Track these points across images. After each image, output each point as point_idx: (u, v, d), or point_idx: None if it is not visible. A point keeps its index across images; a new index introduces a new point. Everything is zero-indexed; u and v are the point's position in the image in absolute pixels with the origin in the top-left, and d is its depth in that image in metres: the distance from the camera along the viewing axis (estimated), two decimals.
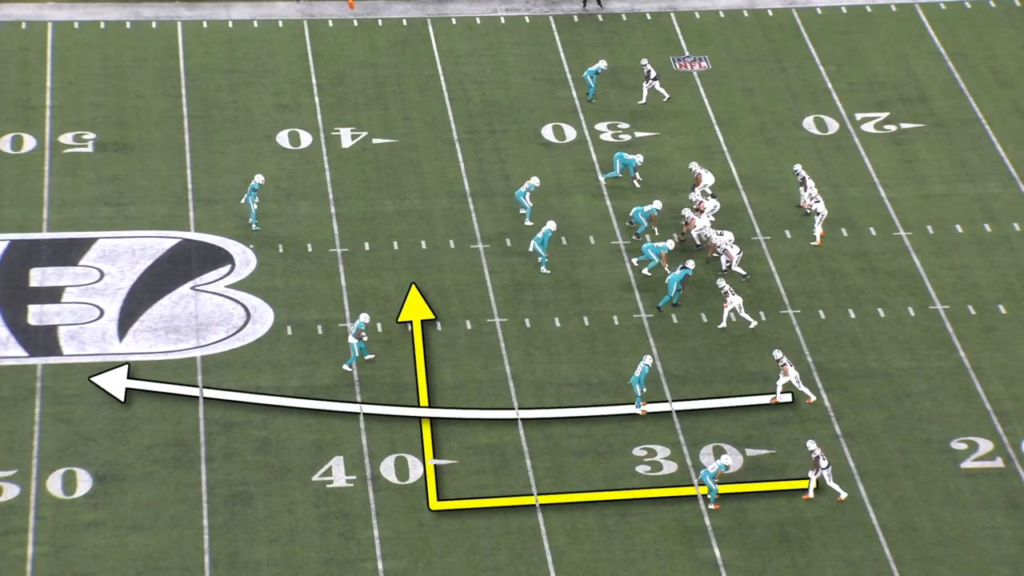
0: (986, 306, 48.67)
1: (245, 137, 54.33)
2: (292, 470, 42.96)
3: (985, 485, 43.18)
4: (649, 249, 48.71)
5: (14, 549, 40.53)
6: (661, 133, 55.10)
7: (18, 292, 47.97)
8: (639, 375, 44.29)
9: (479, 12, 60.56)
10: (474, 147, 54.16)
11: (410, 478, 42.85)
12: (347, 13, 60.26)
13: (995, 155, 54.53)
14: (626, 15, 60.75)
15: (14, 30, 58.37)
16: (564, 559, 40.90)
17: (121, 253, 49.53)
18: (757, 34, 60.03)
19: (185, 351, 46.33)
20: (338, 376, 45.53)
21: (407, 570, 40.50)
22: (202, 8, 60.19)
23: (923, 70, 58.33)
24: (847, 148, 54.58)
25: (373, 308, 47.75)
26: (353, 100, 56.17)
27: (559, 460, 43.49)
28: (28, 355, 46.02)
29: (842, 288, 49.07)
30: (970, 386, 46.03)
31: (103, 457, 43.12)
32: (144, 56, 57.69)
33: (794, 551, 41.35)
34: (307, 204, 51.53)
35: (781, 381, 44.64)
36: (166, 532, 41.22)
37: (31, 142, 53.67)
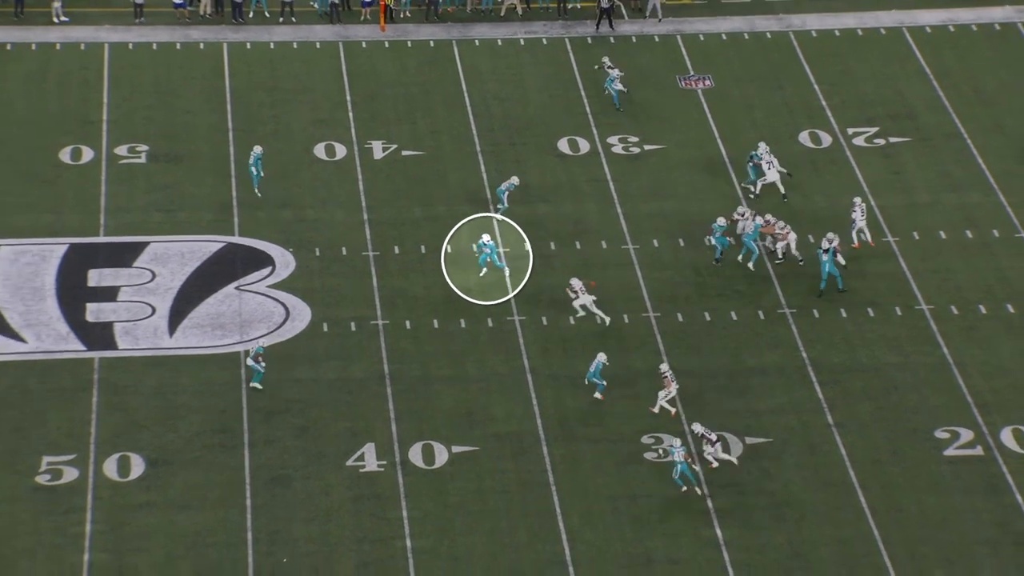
0: (967, 306, 48.65)
1: (285, 149, 54.47)
2: (328, 455, 43.11)
3: (966, 471, 43.18)
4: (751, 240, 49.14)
5: (73, 527, 40.75)
6: (668, 146, 55.15)
7: (77, 291, 48.17)
8: (593, 370, 44.29)
9: (501, 35, 60.67)
10: (495, 158, 54.27)
11: (436, 463, 42.96)
12: (379, 35, 60.39)
13: (976, 167, 54.50)
14: (636, 37, 60.81)
15: (74, 51, 58.60)
16: (578, 538, 40.99)
17: (171, 256, 49.70)
18: (757, 55, 60.07)
19: (229, 346, 46.48)
20: (370, 369, 45.65)
21: (433, 548, 40.61)
22: (246, 31, 60.39)
23: (910, 88, 58.32)
24: (840, 160, 54.60)
25: (402, 307, 47.89)
26: (384, 115, 56.30)
27: (573, 447, 43.57)
28: (86, 349, 46.22)
29: (834, 289, 49.05)
30: (952, 380, 46.02)
31: (154, 443, 43.31)
32: (192, 75, 57.88)
33: (789, 530, 41.39)
34: (342, 211, 51.68)
35: (663, 392, 44.06)
36: (212, 512, 41.39)
37: (89, 154, 53.86)
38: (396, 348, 46.46)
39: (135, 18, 60.37)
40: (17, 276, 48.55)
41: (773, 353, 46.73)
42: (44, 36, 59.17)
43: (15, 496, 41.50)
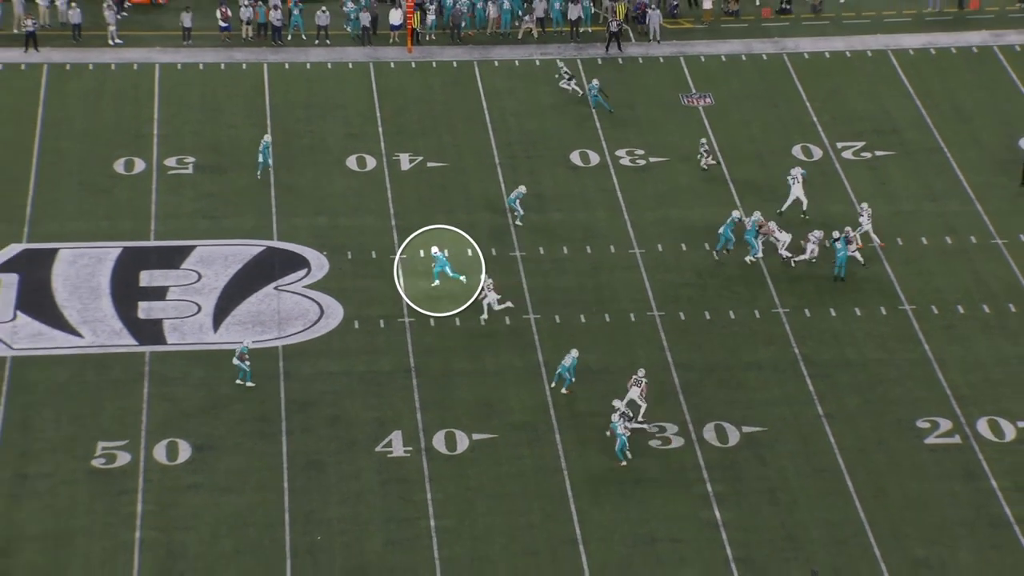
0: (947, 307, 48.51)
1: (320, 161, 54.48)
2: (358, 442, 43.08)
3: (945, 458, 43.05)
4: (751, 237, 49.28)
5: (126, 507, 40.78)
6: (671, 159, 55.05)
7: (129, 291, 48.20)
8: (569, 364, 44.10)
9: (518, 56, 60.63)
10: (512, 170, 54.21)
11: (457, 450, 42.91)
12: (406, 56, 60.38)
13: (955, 179, 54.34)
14: (642, 58, 60.73)
15: (128, 70, 58.70)
16: (587, 519, 40.92)
17: (216, 258, 49.71)
18: (753, 75, 59.95)
19: (268, 341, 46.48)
20: (397, 363, 45.60)
21: (455, 527, 40.57)
22: (285, 52, 60.42)
23: (894, 106, 58.18)
24: (829, 172, 54.47)
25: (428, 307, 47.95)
26: (411, 130, 56.27)
27: (583, 435, 43.50)
28: (138, 344, 46.24)
29: (825, 291, 48.97)
30: (933, 375, 45.89)
31: (200, 430, 43.32)
32: (236, 92, 57.92)
33: (782, 513, 41.29)
34: (372, 217, 51.65)
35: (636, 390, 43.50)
36: (253, 494, 41.38)
37: (141, 165, 53.92)
38: (421, 344, 46.42)
39: (183, 40, 60.43)
40: (75, 277, 48.59)
41: (768, 349, 46.61)
42: (100, 57, 59.26)
43: (74, 478, 41.56)
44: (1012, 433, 43.91)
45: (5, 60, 58.62)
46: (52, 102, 56.63)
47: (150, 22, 61.75)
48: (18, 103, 56.44)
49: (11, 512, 40.47)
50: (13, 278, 48.37)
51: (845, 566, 39.69)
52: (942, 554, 40.29)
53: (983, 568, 39.91)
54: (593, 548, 40.14)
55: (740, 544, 40.35)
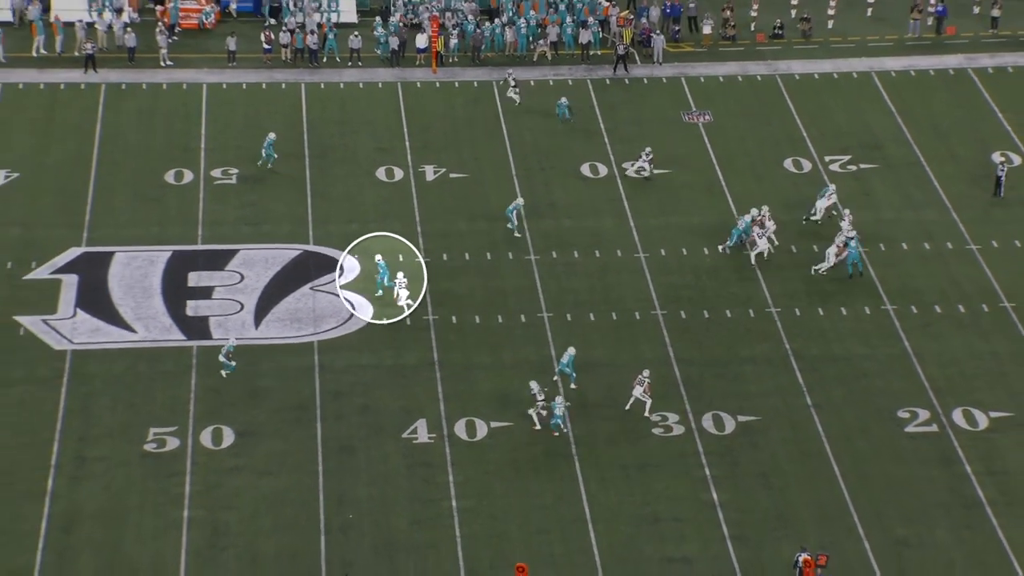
0: (925, 307, 48.37)
1: (351, 172, 54.48)
2: (386, 429, 43.09)
3: (923, 445, 42.96)
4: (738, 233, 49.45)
5: (175, 488, 40.86)
6: (673, 171, 54.97)
7: (179, 290, 48.25)
8: (566, 361, 43.94)
9: (533, 76, 60.57)
10: (528, 180, 54.16)
11: (477, 436, 42.89)
12: (431, 77, 60.37)
13: (933, 190, 54.18)
14: (647, 79, 60.64)
15: (178, 90, 58.76)
16: (596, 501, 40.90)
17: (257, 261, 49.74)
18: (748, 94, 59.83)
19: (305, 337, 46.50)
20: (422, 357, 45.57)
21: (474, 508, 40.57)
22: (320, 73, 60.45)
23: (877, 123, 58.02)
24: (818, 183, 54.31)
25: (449, 305, 47.79)
26: (435, 144, 56.26)
27: (591, 424, 43.47)
28: (186, 339, 46.29)
29: (813, 291, 48.86)
30: (912, 369, 45.77)
31: (242, 418, 43.36)
32: (275, 110, 57.93)
33: (774, 495, 41.24)
34: (399, 224, 51.61)
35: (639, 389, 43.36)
36: (290, 476, 41.42)
37: (189, 175, 53.98)
38: (444, 340, 46.40)
39: (228, 62, 60.49)
40: (130, 277, 48.67)
41: (761, 345, 46.52)
42: (152, 78, 59.35)
43: (128, 461, 41.64)
44: (984, 422, 43.79)
45: (67, 80, 58.72)
46: (109, 119, 56.71)
47: (198, 46, 61.82)
48: (79, 120, 56.54)
49: (71, 492, 40.59)
50: (73, 279, 48.47)
51: (831, 544, 39.60)
52: (920, 533, 40.22)
53: (957, 545, 39.85)
54: (600, 527, 40.12)
55: (735, 523, 40.30)
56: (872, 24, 64.63)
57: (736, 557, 39.38)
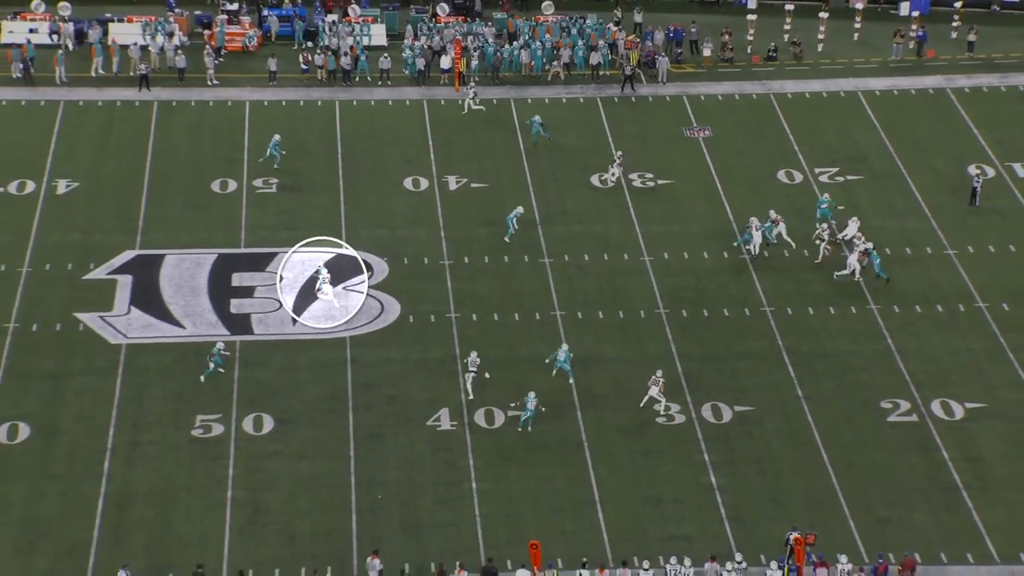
0: (906, 307, 48.15)
1: (381, 182, 54.41)
2: (412, 418, 43.03)
3: (904, 434, 42.78)
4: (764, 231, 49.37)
5: (220, 470, 40.87)
6: (676, 181, 54.80)
7: (223, 289, 48.24)
8: (563, 359, 43.68)
9: (547, 95, 60.45)
10: (542, 189, 54.03)
11: (495, 424, 42.81)
12: (454, 95, 60.28)
13: (914, 200, 53.93)
14: (651, 97, 60.48)
15: (223, 107, 58.77)
16: (604, 484, 40.81)
17: (295, 263, 49.72)
18: (745, 111, 59.62)
19: (338, 332, 46.47)
20: (445, 352, 45.48)
21: (492, 490, 40.50)
22: (353, 91, 60.38)
23: (863, 138, 57.76)
24: (809, 193, 54.10)
25: (470, 304, 47.70)
26: (458, 156, 56.15)
27: (600, 413, 43.36)
28: (230, 334, 46.26)
29: (805, 293, 48.66)
30: (894, 364, 45.57)
31: (281, 406, 43.35)
32: (312, 125, 57.90)
33: (768, 479, 41.12)
34: (424, 229, 51.58)
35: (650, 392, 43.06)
36: (324, 460, 41.40)
37: (233, 185, 53.97)
38: (465, 336, 46.31)
39: (269, 82, 60.49)
40: (179, 278, 48.69)
41: (757, 342, 46.35)
42: (200, 95, 59.36)
43: (177, 446, 41.67)
44: (961, 413, 43.59)
45: (123, 98, 58.76)
46: (161, 133, 56.74)
47: (242, 66, 61.83)
48: (133, 134, 56.57)
49: (125, 473, 40.64)
50: (128, 279, 48.50)
51: (820, 523, 39.46)
52: (901, 514, 40.07)
53: (936, 526, 39.70)
54: (608, 508, 40.03)
55: (732, 505, 40.17)
56: (858, 48, 64.39)
57: (732, 536, 39.26)
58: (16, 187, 53.00)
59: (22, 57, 59.42)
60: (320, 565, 37.92)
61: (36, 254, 49.25)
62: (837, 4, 67.28)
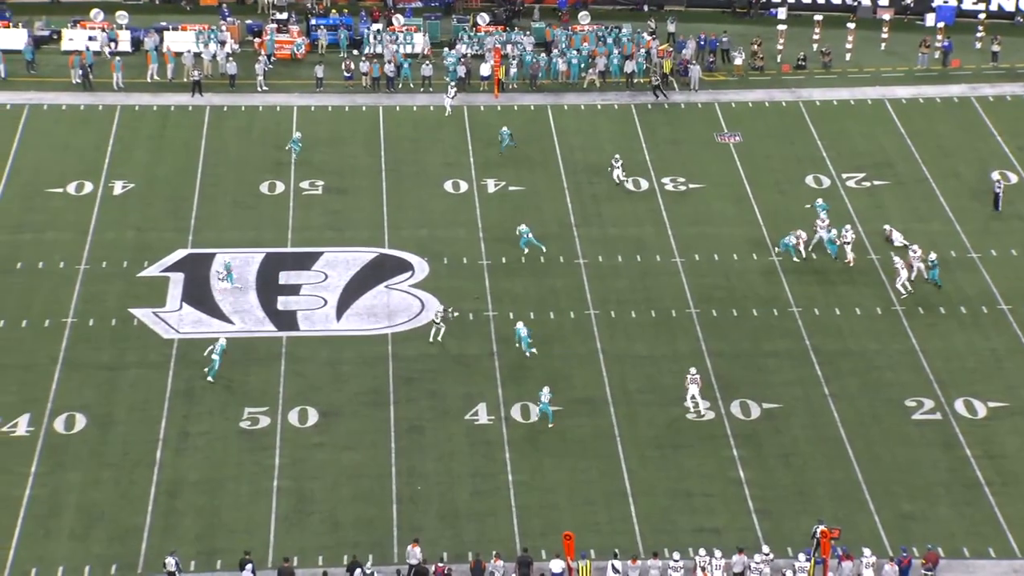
0: (931, 308, 47.76)
1: (422, 185, 54.45)
2: (451, 412, 43.03)
3: (928, 431, 42.45)
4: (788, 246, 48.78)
5: (266, 460, 41.00)
6: (707, 185, 54.59)
7: (271, 287, 48.39)
8: (526, 335, 44.16)
9: (583, 101, 60.35)
10: (578, 193, 53.93)
11: (530, 419, 42.75)
12: (493, 101, 60.26)
13: (938, 204, 53.51)
14: (684, 104, 60.26)
15: (271, 112, 58.99)
16: (635, 477, 40.68)
17: (339, 262, 49.83)
18: (774, 118, 59.32)
19: (380, 329, 46.54)
20: (483, 348, 45.45)
21: (527, 481, 40.45)
22: (396, 97, 60.44)
23: (889, 144, 57.37)
24: (836, 197, 53.77)
25: (507, 302, 47.64)
26: (496, 160, 56.11)
27: (632, 408, 43.24)
28: (276, 330, 46.43)
29: (831, 293, 48.37)
30: (918, 363, 45.22)
31: (325, 400, 43.44)
32: (356, 129, 58.03)
33: (795, 474, 40.88)
34: (463, 230, 51.58)
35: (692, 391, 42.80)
36: (366, 451, 41.46)
37: (281, 187, 54.15)
38: (502, 333, 46.28)
39: (316, 88, 60.66)
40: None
41: (784, 341, 46.10)
42: (250, 101, 59.61)
43: (226, 436, 41.84)
44: (983, 411, 43.21)
45: (177, 103, 59.08)
46: (212, 136, 57.01)
47: (290, 73, 62.03)
48: (186, 137, 56.87)
49: (177, 462, 40.83)
50: (179, 276, 48.74)
51: (845, 517, 39.21)
52: (925, 509, 39.75)
53: (958, 520, 39.36)
54: (640, 500, 39.90)
55: (760, 498, 39.97)
56: (885, 57, 63.95)
57: (760, 528, 39.05)
58: (75, 188, 53.38)
59: (81, 63, 59.85)
60: (362, 552, 37.97)
61: (93, 252, 49.59)
62: (865, 15, 66.91)
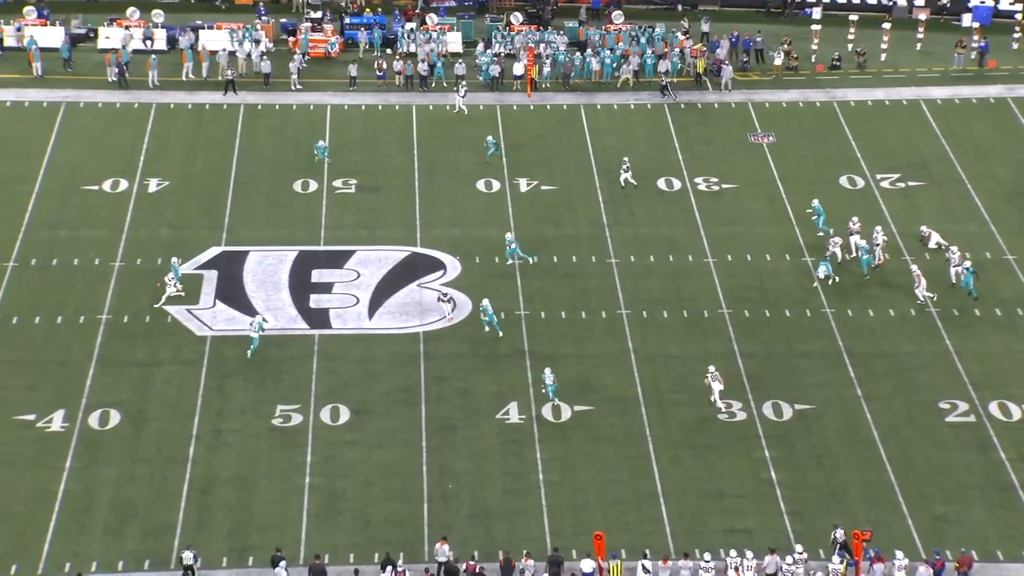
0: (965, 310, 47.41)
1: (455, 184, 54.48)
2: (482, 410, 43.03)
3: (962, 433, 42.16)
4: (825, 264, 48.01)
5: (298, 457, 41.12)
6: (740, 185, 54.39)
7: (303, 285, 48.53)
8: (490, 312, 44.82)
9: (616, 101, 60.24)
10: (610, 193, 53.83)
11: (562, 418, 42.70)
12: (526, 100, 60.24)
13: (973, 205, 53.13)
14: (717, 104, 60.05)
15: (305, 110, 59.16)
16: (667, 477, 40.57)
17: (371, 260, 49.93)
18: (808, 118, 59.04)
19: (412, 328, 46.59)
20: (514, 347, 45.43)
21: (559, 481, 40.40)
22: (429, 96, 60.50)
23: (924, 145, 56.99)
24: (870, 198, 53.48)
25: (539, 302, 47.62)
26: (529, 159, 56.09)
27: (664, 409, 43.12)
28: (309, 328, 46.56)
29: (864, 295, 48.09)
30: (953, 365, 44.91)
31: (357, 397, 43.54)
32: (390, 128, 58.12)
33: (827, 475, 40.68)
34: (495, 229, 51.54)
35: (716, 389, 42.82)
36: (398, 449, 41.52)
37: (314, 185, 54.29)
38: (533, 332, 46.26)
39: (349, 87, 60.81)
40: (262, 273, 49.07)
41: (817, 342, 45.88)
42: (284, 99, 59.80)
43: (258, 433, 41.99)
44: (1018, 414, 42.88)
45: (211, 101, 59.34)
46: (246, 135, 57.22)
47: (324, 72, 62.21)
48: (220, 135, 57.09)
49: (210, 459, 41.02)
50: (213, 274, 48.95)
51: (878, 520, 39.00)
52: (959, 512, 39.48)
53: (992, 523, 39.07)
54: (671, 500, 39.79)
55: (791, 500, 39.79)
56: (921, 57, 63.54)
57: (792, 530, 38.87)
58: (110, 185, 53.70)
59: (117, 62, 60.22)
60: (393, 550, 38.03)
61: (128, 249, 49.86)
62: (900, 15, 66.50)
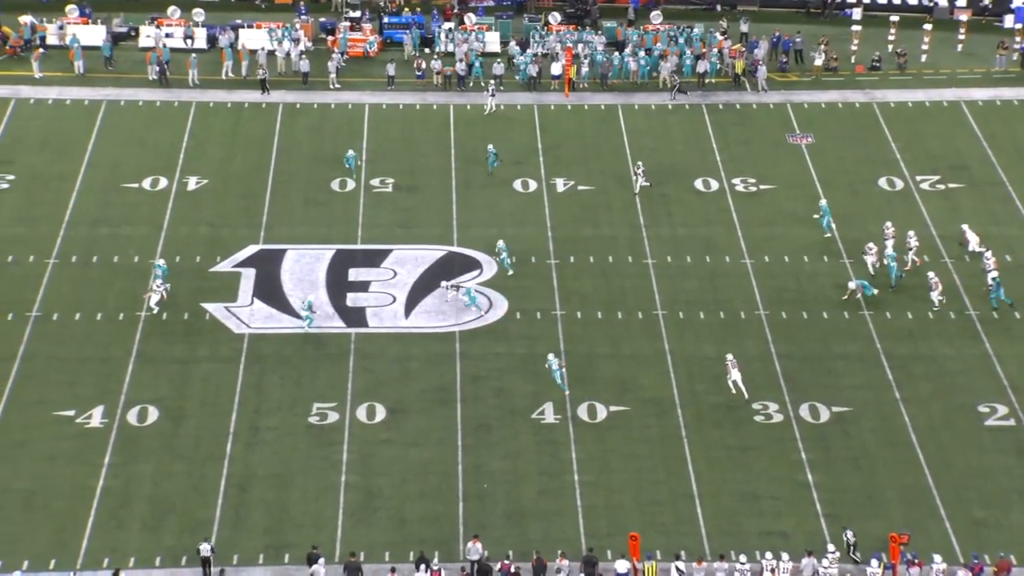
0: (1005, 313, 46.99)
1: (492, 183, 54.47)
2: (518, 410, 43.03)
3: (1002, 437, 41.82)
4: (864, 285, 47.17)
5: (334, 455, 41.25)
6: (778, 186, 54.14)
7: (340, 283, 48.67)
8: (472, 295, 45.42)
9: (654, 101, 60.08)
10: (647, 193, 53.71)
11: (597, 419, 42.65)
12: (564, 100, 60.19)
13: (1015, 207, 52.69)
14: (756, 104, 59.79)
15: (343, 109, 59.33)
16: (703, 479, 40.44)
17: (408, 259, 50.02)
18: (847, 119, 58.70)
19: (448, 327, 46.64)
20: (550, 347, 45.34)
21: (594, 481, 40.36)
22: (467, 96, 60.52)
23: (965, 147, 56.54)
24: (910, 200, 53.12)
25: (575, 302, 47.57)
26: (566, 159, 56.04)
27: (700, 409, 42.99)
28: (345, 326, 46.70)
29: (904, 297, 47.77)
30: (992, 368, 44.55)
31: (393, 396, 43.62)
32: (427, 128, 58.20)
33: (864, 477, 40.45)
34: (532, 229, 51.55)
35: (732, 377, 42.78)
36: (434, 448, 41.57)
37: (351, 184, 54.44)
38: (570, 332, 46.22)
39: (387, 86, 60.95)
40: (299, 272, 49.25)
41: (855, 344, 45.63)
42: (322, 98, 60.00)
43: (295, 431, 42.15)
44: None
45: (250, 100, 59.60)
46: (284, 133, 57.44)
47: (362, 71, 62.37)
48: (259, 134, 57.35)
49: (247, 457, 41.21)
50: (251, 272, 49.18)
51: (916, 523, 38.74)
52: (997, 515, 39.18)
53: None
54: (707, 502, 39.67)
55: (828, 502, 39.59)
56: (962, 58, 63.06)
57: (828, 533, 38.66)
58: (150, 183, 54.04)
59: (158, 60, 60.62)
60: (428, 549, 38.09)
61: (167, 247, 50.16)
62: (941, 16, 66.03)
